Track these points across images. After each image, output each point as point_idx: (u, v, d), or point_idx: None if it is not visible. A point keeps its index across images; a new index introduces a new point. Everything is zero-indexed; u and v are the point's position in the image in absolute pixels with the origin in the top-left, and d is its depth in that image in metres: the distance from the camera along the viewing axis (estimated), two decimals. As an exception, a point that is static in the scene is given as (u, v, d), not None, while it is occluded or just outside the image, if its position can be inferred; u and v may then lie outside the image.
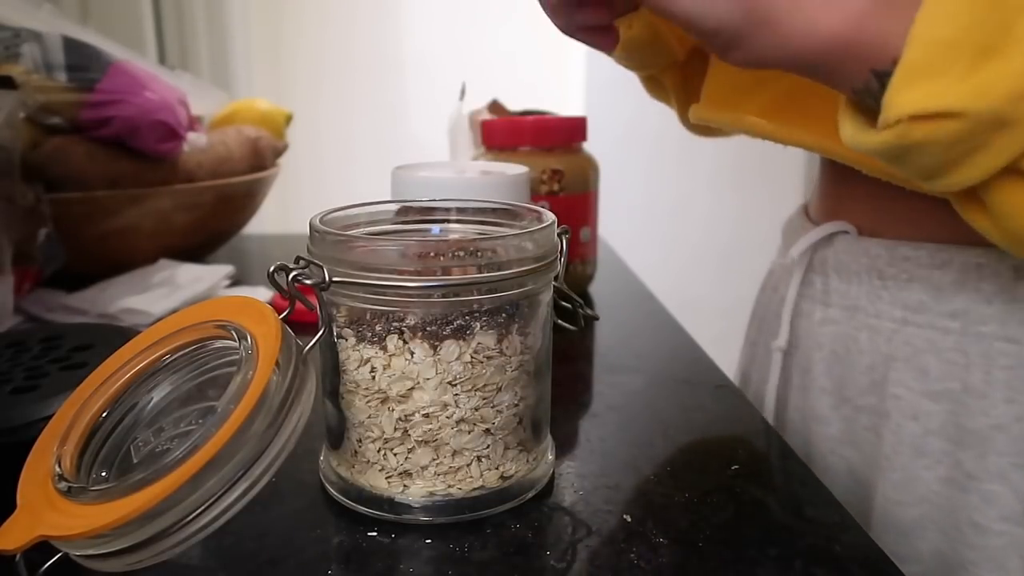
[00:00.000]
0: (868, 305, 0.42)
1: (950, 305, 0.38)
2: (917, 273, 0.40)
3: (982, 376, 0.37)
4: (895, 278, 0.41)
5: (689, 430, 0.40)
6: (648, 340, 0.55)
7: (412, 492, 0.31)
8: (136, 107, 0.63)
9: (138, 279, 0.63)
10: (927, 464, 0.40)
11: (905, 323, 0.40)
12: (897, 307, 0.41)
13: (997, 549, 0.37)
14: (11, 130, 0.54)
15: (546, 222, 0.32)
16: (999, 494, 0.37)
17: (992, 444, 0.37)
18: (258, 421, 0.26)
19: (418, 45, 1.71)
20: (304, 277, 0.29)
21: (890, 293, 0.41)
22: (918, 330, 0.40)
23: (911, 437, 0.40)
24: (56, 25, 0.63)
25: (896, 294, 0.41)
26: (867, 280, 0.42)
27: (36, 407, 0.33)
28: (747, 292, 0.64)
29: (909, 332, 0.40)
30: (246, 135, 0.76)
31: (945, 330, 0.39)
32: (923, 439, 0.40)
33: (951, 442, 0.39)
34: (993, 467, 0.37)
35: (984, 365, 0.37)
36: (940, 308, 0.39)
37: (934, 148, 0.27)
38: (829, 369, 0.45)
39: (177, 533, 0.25)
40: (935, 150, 0.27)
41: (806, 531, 0.31)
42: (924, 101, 0.26)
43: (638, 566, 0.28)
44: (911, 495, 0.41)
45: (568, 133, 0.61)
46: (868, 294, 0.42)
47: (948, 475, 0.39)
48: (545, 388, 0.34)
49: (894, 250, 0.41)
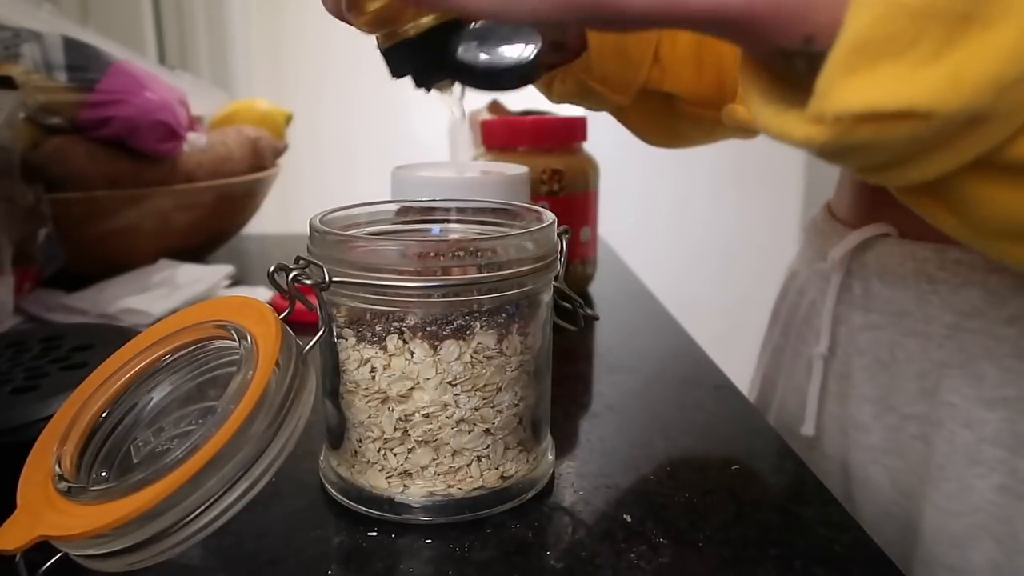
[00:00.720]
0: (916, 310, 0.41)
1: (1006, 310, 0.37)
2: (971, 277, 0.38)
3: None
4: (946, 282, 0.39)
5: (689, 430, 0.40)
6: (648, 340, 0.55)
7: (412, 492, 0.31)
8: (136, 107, 0.63)
9: (138, 279, 0.63)
10: (981, 472, 0.38)
11: (958, 328, 0.39)
12: (949, 312, 0.39)
13: None
14: (11, 130, 0.54)
15: (546, 222, 0.32)
16: None
17: None
18: (258, 421, 0.26)
19: (418, 45, 1.71)
20: (304, 277, 0.29)
21: (940, 298, 0.39)
22: (972, 336, 0.38)
23: (965, 446, 0.39)
24: (56, 25, 0.63)
25: (947, 299, 0.39)
26: (914, 284, 0.40)
27: (36, 407, 0.33)
28: (747, 292, 0.64)
29: (963, 338, 0.38)
30: (246, 135, 0.76)
31: (1002, 336, 0.37)
32: (977, 447, 0.38)
33: (1007, 450, 0.38)
34: None
35: None
36: (996, 313, 0.37)
37: (882, 150, 0.21)
38: (873, 377, 0.44)
39: (177, 533, 0.25)
40: (883, 152, 0.21)
41: (806, 531, 0.31)
42: (874, 94, 0.19)
43: (638, 566, 0.28)
44: (964, 505, 0.39)
45: (568, 133, 0.61)
46: (916, 299, 0.41)
47: (1003, 483, 0.38)
48: (545, 388, 0.34)
49: (944, 253, 0.39)
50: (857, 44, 0.19)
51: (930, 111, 0.19)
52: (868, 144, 0.21)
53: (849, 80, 0.19)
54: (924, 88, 0.19)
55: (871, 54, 0.19)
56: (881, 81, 0.19)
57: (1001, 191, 0.22)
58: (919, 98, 0.19)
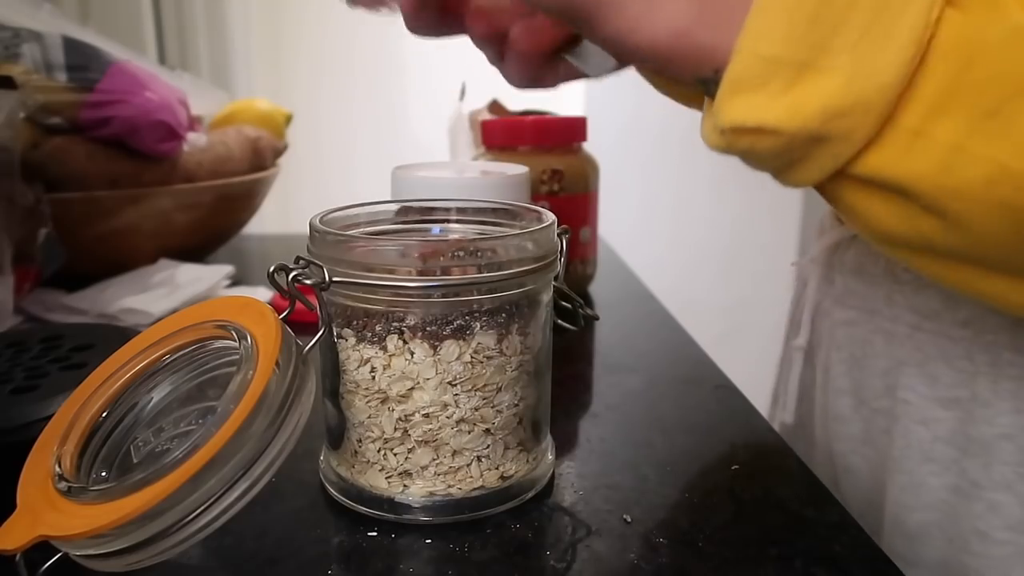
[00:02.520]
0: (884, 308, 0.42)
1: (961, 313, 0.38)
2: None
3: (989, 385, 0.37)
4: (909, 283, 0.41)
5: (689, 430, 0.40)
6: (648, 340, 0.55)
7: (412, 492, 0.31)
8: (136, 107, 0.63)
9: (138, 279, 0.63)
10: (934, 471, 0.40)
11: (918, 328, 0.40)
12: (910, 312, 0.41)
13: (1001, 559, 0.37)
14: (11, 130, 0.54)
15: (546, 222, 0.32)
16: (1004, 503, 0.37)
17: (998, 454, 0.37)
18: (258, 421, 0.26)
19: (418, 45, 1.71)
20: (304, 277, 0.29)
21: (904, 297, 0.41)
22: (930, 336, 0.40)
23: (920, 442, 0.40)
24: (56, 25, 0.63)
25: (910, 298, 0.41)
26: (884, 283, 0.42)
27: (36, 407, 0.33)
28: (748, 292, 0.64)
29: (921, 338, 0.40)
30: (246, 135, 0.76)
31: (957, 338, 0.38)
32: (932, 445, 0.40)
33: (959, 450, 0.39)
34: (999, 476, 0.37)
35: (992, 374, 0.37)
36: (952, 316, 0.38)
37: (760, 157, 0.27)
38: (849, 370, 0.46)
39: (177, 533, 0.25)
40: (762, 158, 0.27)
41: (806, 531, 0.31)
42: (743, 114, 0.26)
43: (638, 566, 0.28)
44: (918, 500, 0.41)
45: (568, 133, 0.61)
46: (885, 297, 0.42)
47: (955, 483, 0.39)
48: (545, 388, 0.34)
49: None
50: (733, 80, 0.25)
51: (777, 128, 0.25)
52: (749, 151, 0.27)
53: (730, 103, 0.26)
54: (773, 113, 0.25)
55: (742, 88, 0.25)
56: (747, 106, 0.25)
57: (872, 202, 0.27)
58: (769, 119, 0.25)
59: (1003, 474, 0.37)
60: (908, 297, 0.41)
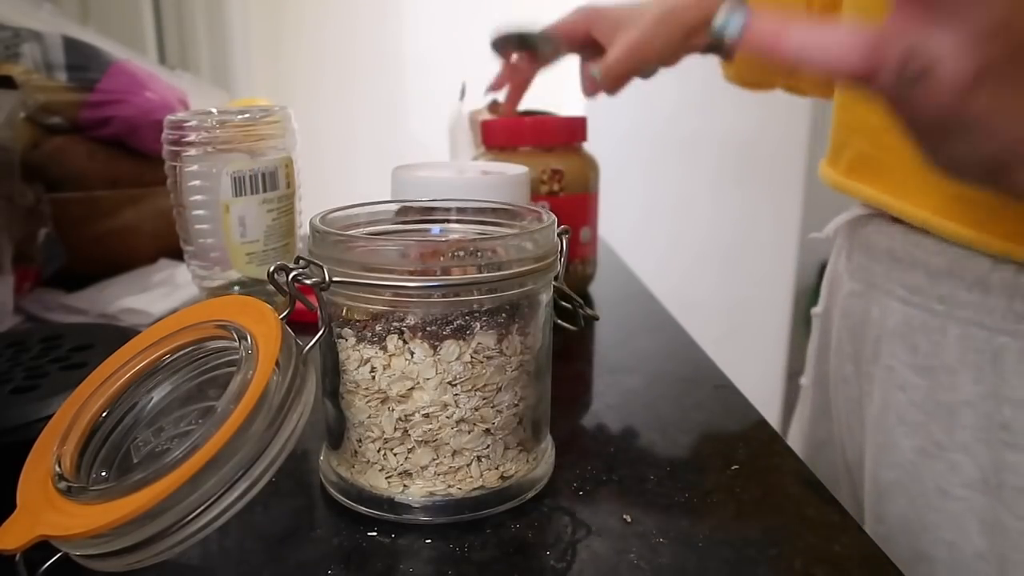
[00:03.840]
0: (883, 283, 0.45)
1: (939, 290, 0.41)
2: (920, 257, 0.42)
3: (957, 356, 0.40)
4: (903, 260, 0.43)
5: (689, 430, 0.40)
6: (648, 340, 0.55)
7: (412, 492, 0.31)
8: (136, 107, 0.63)
9: (138, 279, 0.63)
10: (906, 432, 0.43)
11: (906, 303, 0.43)
12: (902, 287, 0.44)
13: (957, 513, 0.40)
14: (11, 130, 0.54)
15: (546, 222, 0.32)
16: (963, 463, 0.40)
17: (959, 418, 0.40)
18: (258, 421, 0.26)
19: (418, 45, 1.71)
20: (304, 277, 0.29)
21: (899, 274, 0.44)
22: (914, 310, 0.42)
23: (896, 406, 0.43)
24: (56, 25, 0.63)
25: (902, 275, 0.43)
26: (886, 260, 0.45)
27: (36, 407, 0.33)
28: (748, 292, 0.64)
29: (908, 311, 0.43)
30: (246, 135, 0.76)
31: (934, 312, 0.41)
32: (906, 409, 0.43)
33: (926, 414, 0.42)
34: (959, 439, 0.40)
35: (960, 347, 0.40)
36: (932, 292, 0.41)
37: None
38: (851, 338, 0.49)
39: (177, 533, 0.25)
40: None
41: (806, 531, 0.31)
42: None
43: (638, 566, 0.28)
44: (889, 459, 0.44)
45: (568, 133, 0.61)
46: (884, 272, 0.45)
47: (921, 445, 0.42)
48: (545, 388, 0.34)
49: (907, 235, 0.43)
50: None
51: None
52: None
53: None
54: None
55: None
56: None
57: None
58: None
59: (963, 437, 0.40)
60: (901, 273, 0.43)
